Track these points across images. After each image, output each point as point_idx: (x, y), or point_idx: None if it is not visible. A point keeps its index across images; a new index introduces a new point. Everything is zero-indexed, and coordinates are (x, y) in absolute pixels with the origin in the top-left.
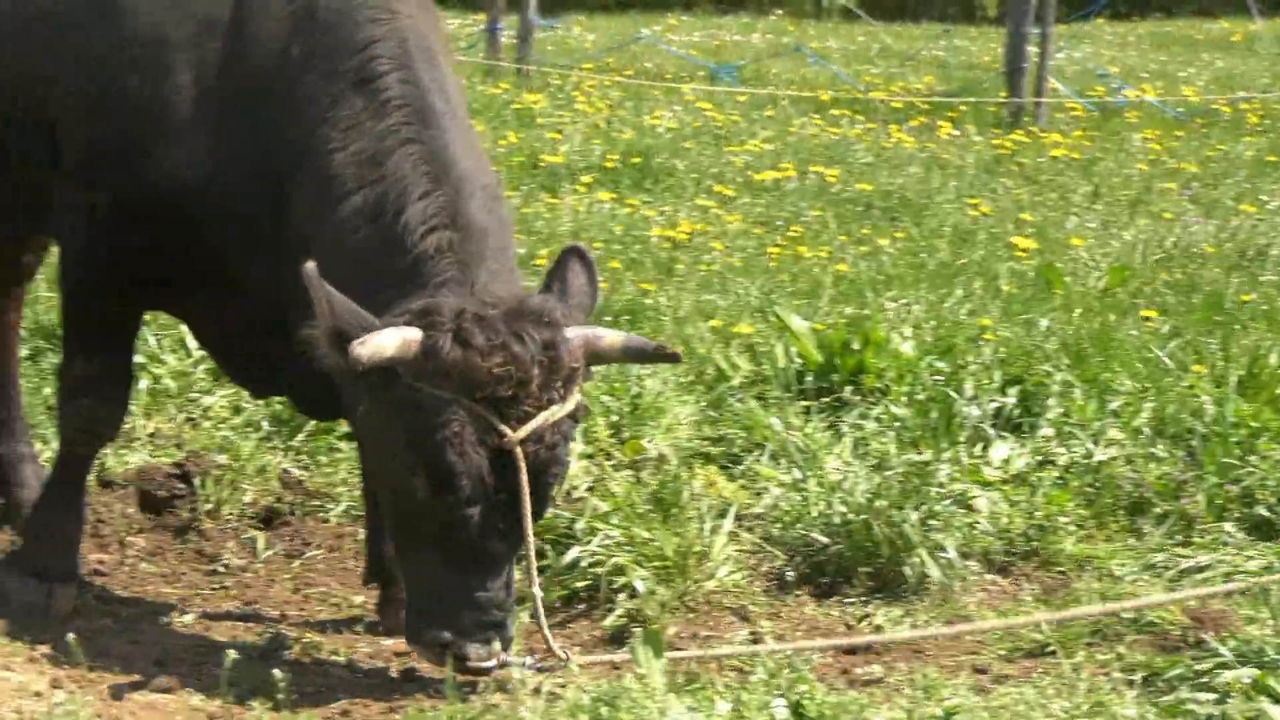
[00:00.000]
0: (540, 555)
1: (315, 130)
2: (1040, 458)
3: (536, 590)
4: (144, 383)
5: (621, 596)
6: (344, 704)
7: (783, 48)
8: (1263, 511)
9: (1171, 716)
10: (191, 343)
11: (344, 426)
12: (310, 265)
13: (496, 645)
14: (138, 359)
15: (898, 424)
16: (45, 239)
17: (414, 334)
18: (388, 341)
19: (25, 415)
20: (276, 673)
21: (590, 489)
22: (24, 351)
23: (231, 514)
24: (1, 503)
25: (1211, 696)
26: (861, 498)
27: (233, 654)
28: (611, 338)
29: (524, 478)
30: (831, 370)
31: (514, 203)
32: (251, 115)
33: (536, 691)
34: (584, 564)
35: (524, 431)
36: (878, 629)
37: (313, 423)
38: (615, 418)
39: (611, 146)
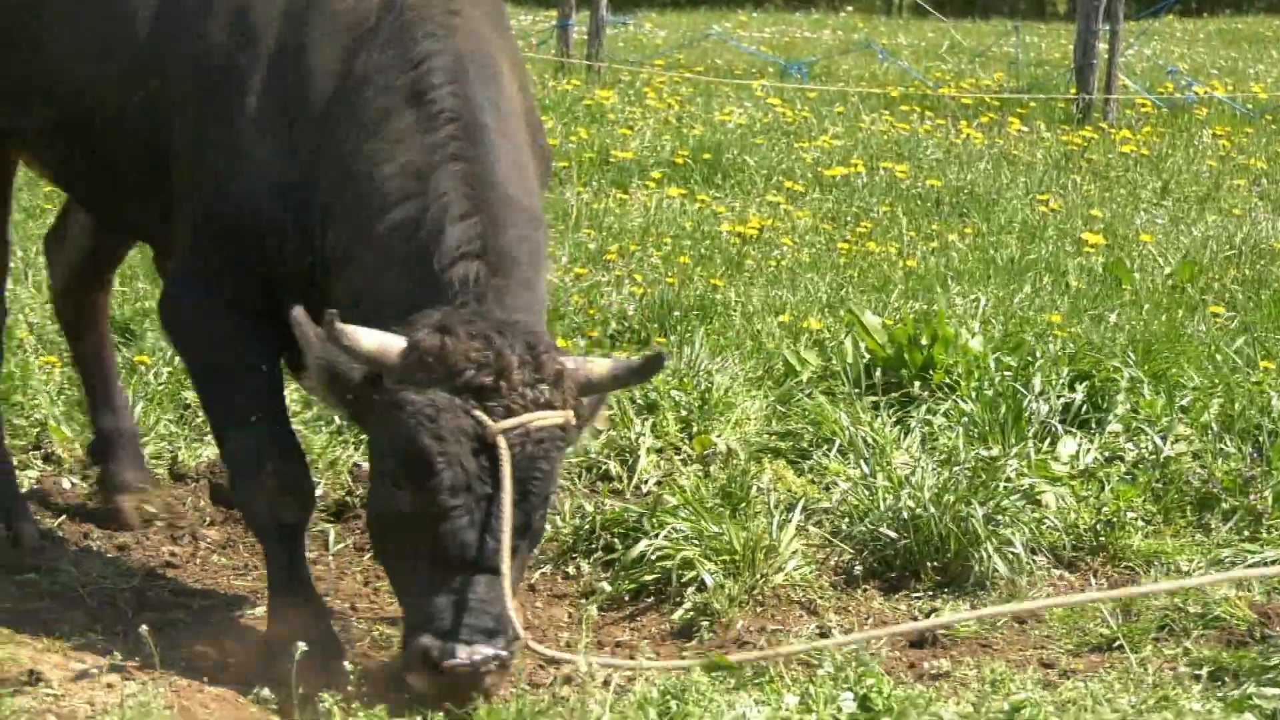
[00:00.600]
0: (609, 549)
1: (368, 143)
2: (1108, 453)
3: (507, 593)
4: None
5: (690, 590)
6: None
7: (853, 44)
8: None
9: (1238, 711)
10: None
11: None
12: (297, 310)
13: (486, 650)
14: None
15: (966, 419)
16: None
17: (397, 339)
18: (366, 337)
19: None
20: (346, 665)
21: (659, 483)
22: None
23: None
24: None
25: (1278, 691)
26: (929, 493)
27: (302, 646)
28: (601, 365)
29: (508, 470)
30: (900, 365)
31: (584, 198)
32: (317, 132)
33: (605, 684)
34: (652, 557)
35: (507, 424)
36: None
37: None
38: (685, 413)
39: (682, 142)
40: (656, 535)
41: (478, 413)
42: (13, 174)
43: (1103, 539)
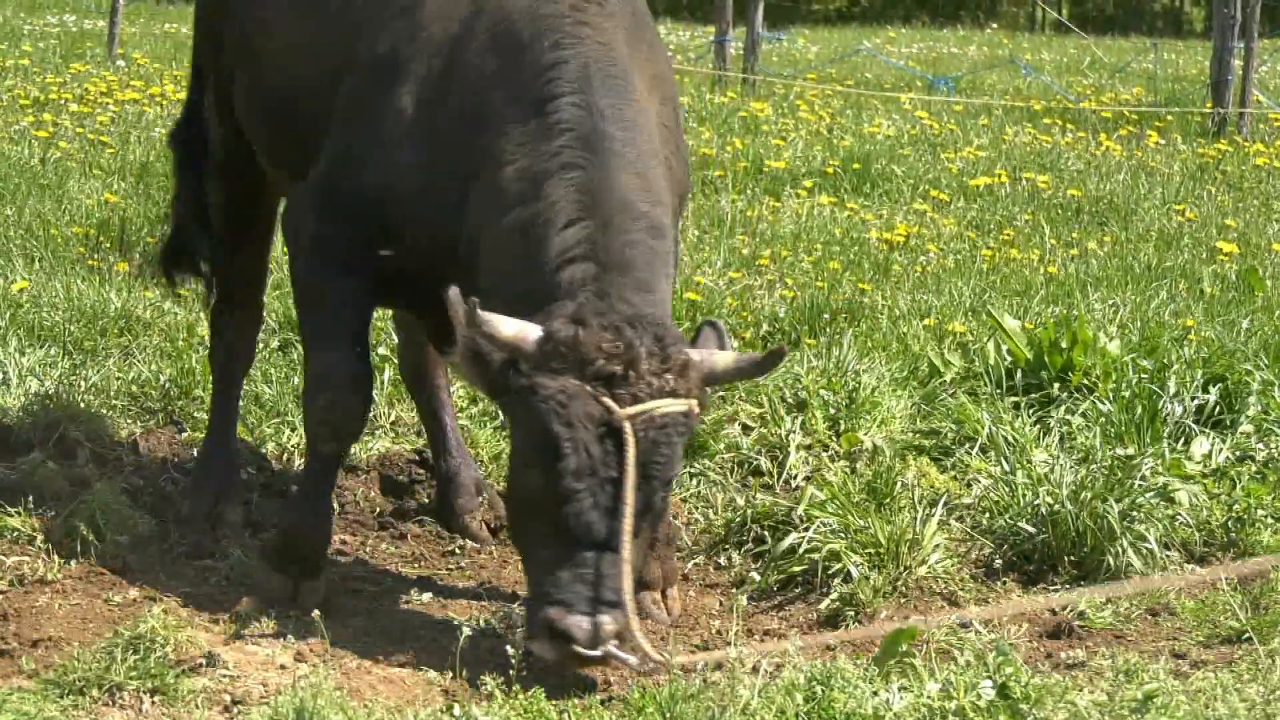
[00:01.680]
0: (759, 541)
1: (495, 143)
2: (1239, 453)
3: (626, 572)
4: (387, 374)
5: (836, 581)
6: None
7: (998, 59)
8: None
9: None
10: None
11: None
12: (453, 290)
13: (607, 621)
14: (382, 351)
15: (1103, 419)
16: None
17: (534, 328)
18: (505, 325)
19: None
20: (510, 649)
21: (808, 479)
22: (274, 343)
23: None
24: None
25: None
26: (1067, 490)
27: (467, 631)
28: (725, 358)
29: (632, 454)
30: (1040, 367)
31: (739, 206)
32: (455, 129)
33: (755, 670)
34: (801, 550)
35: (633, 410)
36: (1080, 615)
37: None
38: (833, 411)
39: (832, 153)
40: (805, 528)
41: (606, 399)
42: (277, 204)
43: (1233, 535)
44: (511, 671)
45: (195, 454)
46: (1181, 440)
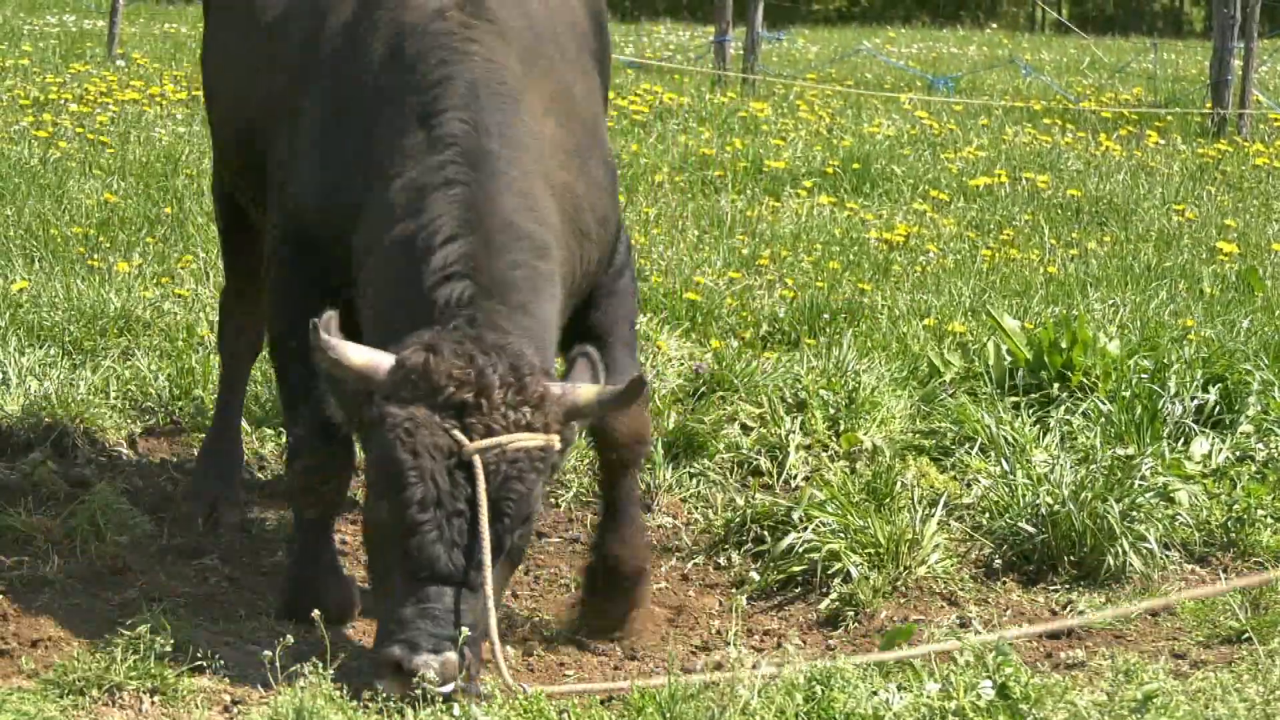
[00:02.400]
0: (759, 541)
1: (386, 158)
2: (1239, 453)
3: (492, 622)
4: None
5: (836, 581)
6: (572, 680)
7: (998, 59)
8: None
9: None
10: None
11: None
12: (314, 321)
13: (451, 657)
14: None
15: (1103, 419)
16: None
17: (387, 356)
18: (355, 353)
19: None
20: (509, 649)
21: (807, 479)
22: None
23: None
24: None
25: None
26: (1067, 490)
27: (466, 631)
28: (587, 391)
29: (481, 488)
30: (1040, 367)
31: (739, 206)
32: (351, 143)
33: (754, 668)
34: (800, 550)
35: (483, 444)
36: (1081, 615)
37: None
38: (832, 411)
39: (832, 153)
40: (805, 528)
41: (455, 431)
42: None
43: (1233, 535)
44: (508, 672)
45: (197, 451)
46: (1181, 440)
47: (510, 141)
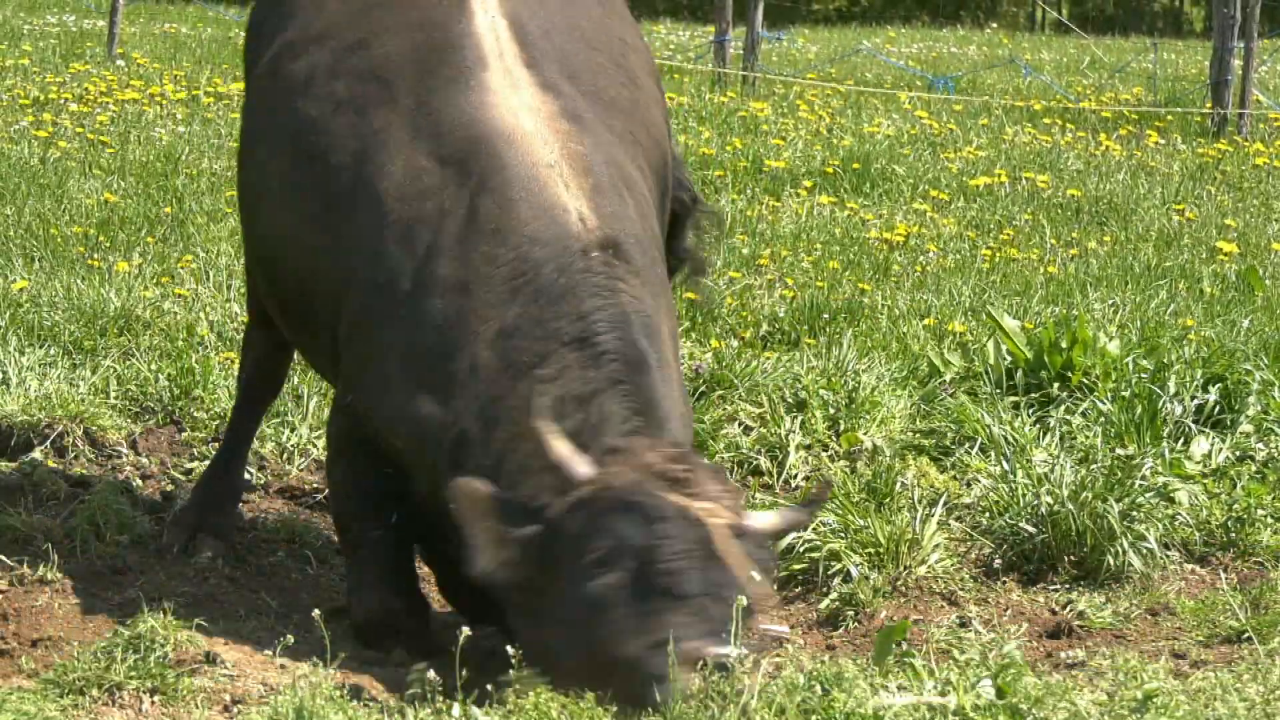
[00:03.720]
0: None
1: (517, 383)
2: (1239, 452)
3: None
4: None
5: (836, 580)
6: None
7: (998, 59)
8: None
9: None
10: None
11: None
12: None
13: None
14: None
15: (1103, 419)
16: None
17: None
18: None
19: None
20: (509, 649)
21: (807, 478)
22: None
23: None
24: None
25: None
26: (1067, 490)
27: (466, 630)
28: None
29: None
30: (1040, 367)
31: (739, 205)
32: (458, 376)
33: (755, 667)
34: (800, 549)
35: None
36: (1080, 615)
37: None
38: (832, 411)
39: (832, 152)
40: (805, 528)
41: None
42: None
43: (1233, 535)
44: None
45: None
46: (1181, 440)
47: (661, 359)
